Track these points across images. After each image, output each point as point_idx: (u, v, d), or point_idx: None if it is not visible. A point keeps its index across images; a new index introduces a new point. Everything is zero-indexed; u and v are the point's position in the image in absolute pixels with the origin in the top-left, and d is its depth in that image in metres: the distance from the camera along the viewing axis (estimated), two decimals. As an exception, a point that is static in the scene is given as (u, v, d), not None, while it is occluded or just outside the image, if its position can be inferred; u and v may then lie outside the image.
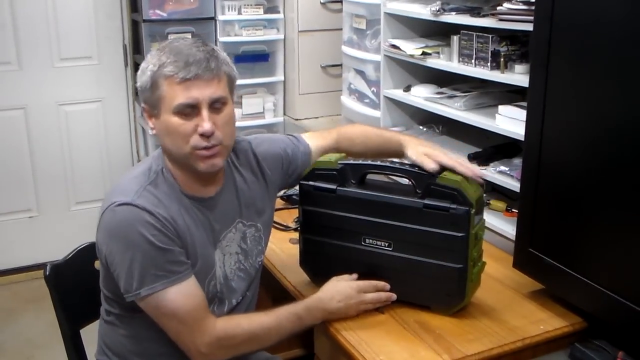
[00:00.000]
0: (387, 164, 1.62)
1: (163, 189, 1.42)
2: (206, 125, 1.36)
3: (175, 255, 1.38)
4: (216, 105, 1.38)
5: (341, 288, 1.55)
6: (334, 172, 1.61)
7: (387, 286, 1.58)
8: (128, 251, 1.35)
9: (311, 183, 1.63)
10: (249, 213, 1.58)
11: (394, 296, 1.58)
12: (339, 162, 1.62)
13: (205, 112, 1.36)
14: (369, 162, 1.63)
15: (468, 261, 1.49)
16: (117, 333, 1.52)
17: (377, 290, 1.57)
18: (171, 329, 1.41)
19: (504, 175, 1.93)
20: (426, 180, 1.52)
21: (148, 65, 1.39)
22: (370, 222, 1.57)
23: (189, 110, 1.36)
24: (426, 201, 1.50)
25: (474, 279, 1.54)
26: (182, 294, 1.38)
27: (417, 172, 1.54)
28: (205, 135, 1.36)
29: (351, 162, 1.63)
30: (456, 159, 1.56)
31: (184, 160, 1.41)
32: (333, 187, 1.60)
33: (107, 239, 1.39)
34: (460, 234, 1.48)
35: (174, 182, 1.44)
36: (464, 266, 1.50)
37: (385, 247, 1.57)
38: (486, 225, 1.98)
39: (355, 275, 1.59)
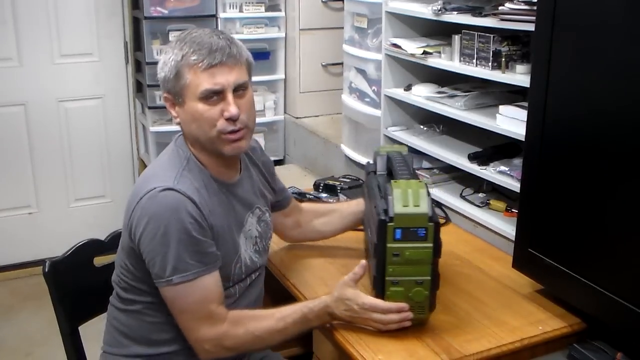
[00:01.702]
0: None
1: (195, 174, 1.46)
2: (233, 110, 1.42)
3: (207, 245, 1.42)
4: (239, 91, 1.45)
5: (348, 297, 1.48)
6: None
7: (405, 307, 1.47)
8: (166, 237, 1.37)
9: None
10: (264, 199, 1.66)
11: (405, 323, 1.48)
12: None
13: (230, 97, 1.43)
14: None
15: (384, 275, 1.46)
16: (144, 321, 1.53)
17: (388, 312, 1.47)
18: (182, 320, 1.44)
19: (504, 175, 1.93)
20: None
21: (170, 56, 1.44)
22: None
23: (214, 96, 1.42)
24: (378, 202, 1.51)
25: (393, 298, 1.46)
26: (204, 288, 1.41)
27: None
28: (231, 120, 1.43)
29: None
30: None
31: (210, 145, 1.46)
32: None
33: (145, 224, 1.39)
34: (376, 242, 1.46)
35: (203, 167, 1.49)
36: (379, 277, 1.47)
37: None
38: (486, 225, 2.00)
39: (357, 273, 1.49)
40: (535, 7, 1.57)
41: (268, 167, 1.73)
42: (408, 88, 2.35)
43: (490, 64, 1.94)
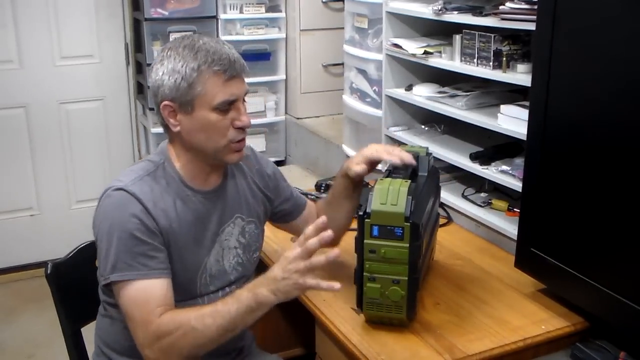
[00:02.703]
0: None
1: (161, 182, 1.45)
2: (246, 119, 1.44)
3: (152, 249, 1.39)
4: (244, 100, 1.46)
5: (274, 267, 1.34)
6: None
7: (323, 220, 1.32)
8: (110, 234, 1.38)
9: None
10: (249, 209, 1.60)
11: (335, 285, 1.30)
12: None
13: (242, 107, 1.44)
14: None
15: (363, 269, 1.47)
16: (114, 325, 1.52)
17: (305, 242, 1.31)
18: (129, 325, 1.39)
19: (505, 174, 1.93)
20: None
21: (180, 63, 1.39)
22: None
23: (227, 106, 1.42)
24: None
25: (369, 294, 1.48)
26: (143, 291, 1.36)
27: None
28: (243, 129, 1.44)
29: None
30: (385, 149, 1.58)
31: (214, 154, 1.45)
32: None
33: (97, 222, 1.42)
34: (357, 236, 1.48)
35: (175, 175, 1.47)
36: (359, 272, 1.48)
37: None
38: (488, 224, 2.00)
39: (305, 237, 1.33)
40: (535, 7, 1.57)
41: (263, 176, 1.66)
42: (409, 88, 2.35)
43: (491, 63, 1.94)
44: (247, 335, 1.66)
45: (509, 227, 1.92)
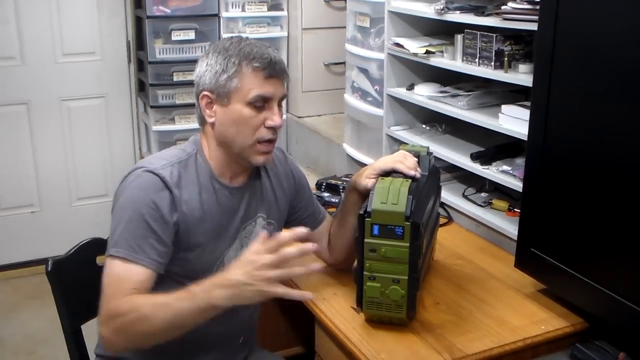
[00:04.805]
0: None
1: (190, 172, 1.47)
2: (278, 119, 1.45)
3: (157, 240, 1.39)
4: (280, 104, 1.48)
5: (245, 255, 1.30)
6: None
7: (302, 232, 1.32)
8: (124, 211, 1.40)
9: None
10: (270, 211, 1.62)
11: (306, 294, 1.43)
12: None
13: (276, 107, 1.46)
14: None
15: (363, 268, 1.47)
16: None
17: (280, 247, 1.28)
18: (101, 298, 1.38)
19: (506, 174, 1.93)
20: None
21: (224, 57, 1.45)
22: None
23: (261, 104, 1.44)
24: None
25: (369, 293, 1.48)
26: (125, 271, 1.36)
27: None
28: (274, 128, 1.46)
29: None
30: (395, 160, 1.56)
31: (241, 152, 1.47)
32: None
33: (118, 196, 1.43)
34: (357, 235, 1.48)
35: (206, 166, 1.50)
36: (359, 271, 1.48)
37: None
38: (488, 224, 2.00)
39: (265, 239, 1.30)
40: (537, 7, 1.57)
41: (289, 177, 1.67)
42: (410, 87, 2.35)
43: (492, 63, 1.94)
44: (252, 326, 1.68)
45: (509, 227, 1.92)
